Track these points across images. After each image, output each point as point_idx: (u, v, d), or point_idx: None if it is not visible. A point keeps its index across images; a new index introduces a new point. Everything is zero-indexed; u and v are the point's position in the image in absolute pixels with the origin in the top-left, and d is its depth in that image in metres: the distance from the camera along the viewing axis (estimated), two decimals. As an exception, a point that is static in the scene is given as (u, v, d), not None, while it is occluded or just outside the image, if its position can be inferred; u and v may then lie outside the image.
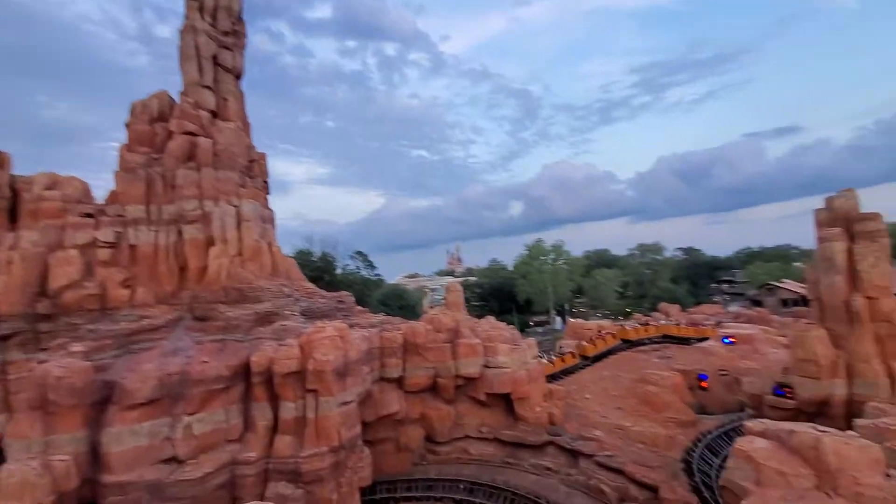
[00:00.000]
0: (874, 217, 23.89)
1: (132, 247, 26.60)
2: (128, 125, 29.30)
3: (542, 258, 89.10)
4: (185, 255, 27.20)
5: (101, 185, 28.37)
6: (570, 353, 40.20)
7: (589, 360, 39.69)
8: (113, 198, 27.47)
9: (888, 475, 13.86)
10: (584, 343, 41.16)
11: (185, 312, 25.99)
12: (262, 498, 21.60)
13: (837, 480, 13.78)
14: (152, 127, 29.19)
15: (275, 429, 22.97)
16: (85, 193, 26.82)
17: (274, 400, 23.23)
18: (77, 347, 21.37)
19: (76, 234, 25.47)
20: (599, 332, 44.74)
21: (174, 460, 21.08)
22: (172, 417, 21.56)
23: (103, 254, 25.65)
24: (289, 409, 22.75)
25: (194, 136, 28.81)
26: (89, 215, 26.00)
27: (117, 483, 19.11)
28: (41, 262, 24.50)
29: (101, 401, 20.48)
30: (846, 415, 22.62)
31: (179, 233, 27.45)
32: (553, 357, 40.06)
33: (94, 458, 19.69)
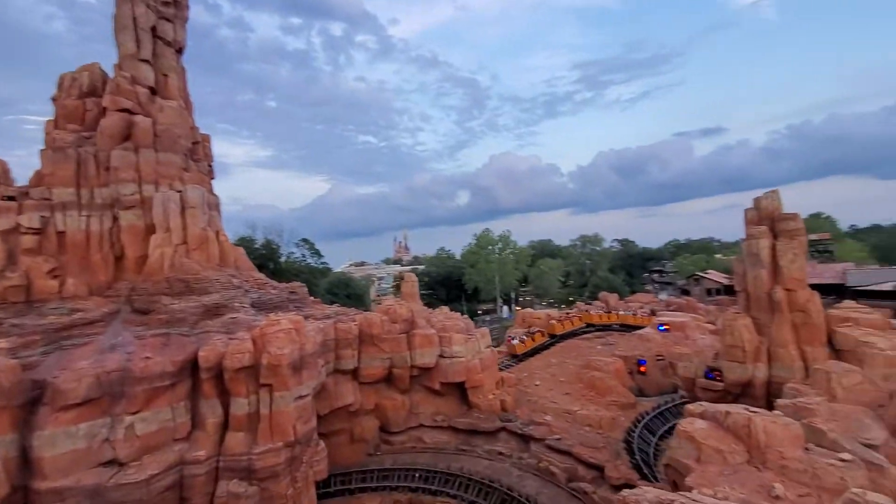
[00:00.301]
0: (794, 217, 26.40)
1: (61, 233, 24.29)
2: (55, 99, 26.49)
3: (490, 248, 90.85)
4: (122, 243, 25.27)
5: (16, 163, 25.45)
6: (540, 331, 43.75)
7: (557, 339, 43.88)
8: (38, 179, 24.83)
9: (807, 449, 15.64)
10: (554, 323, 44.75)
11: (123, 305, 24.21)
12: (212, 498, 20.88)
13: (766, 455, 15.38)
14: (83, 102, 26.56)
15: (225, 426, 22.13)
16: (3, 173, 24.11)
17: (224, 396, 22.32)
18: (1, 344, 19.37)
19: (-7, 219, 22.91)
20: (567, 314, 48.66)
21: (115, 463, 19.79)
22: (112, 418, 20.14)
23: (28, 241, 23.25)
24: (241, 405, 21.96)
25: (131, 113, 26.59)
26: (11, 198, 23.42)
27: (53, 489, 17.67)
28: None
29: (31, 401, 18.75)
30: (766, 395, 25.14)
31: (115, 219, 25.42)
32: (524, 337, 42.77)
33: (26, 463, 18.07)
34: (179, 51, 31.03)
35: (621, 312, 49.18)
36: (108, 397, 20.00)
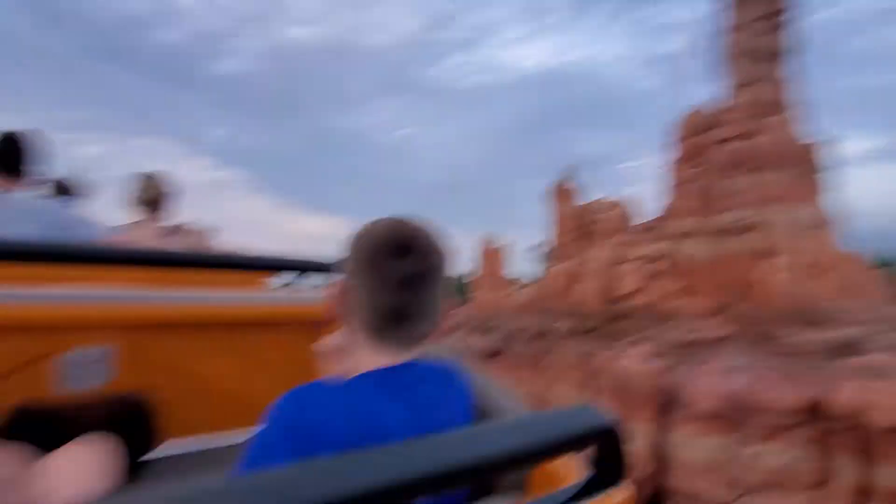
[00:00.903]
0: None
1: (682, 259, 27.76)
2: (673, 141, 31.03)
3: None
4: (735, 268, 25.79)
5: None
6: None
7: None
8: (662, 212, 29.76)
9: None
10: None
11: (737, 329, 24.50)
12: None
13: None
14: (698, 139, 29.53)
15: (864, 492, 17.78)
16: (635, 212, 30.55)
17: (867, 455, 18.01)
18: (643, 349, 23.97)
19: (632, 249, 29.25)
20: None
21: (739, 485, 19.90)
22: (737, 440, 20.48)
23: (656, 266, 28.07)
24: (889, 475, 17.01)
25: (741, 139, 27.09)
26: (643, 230, 29.20)
27: (683, 491, 19.82)
28: (609, 273, 29.57)
29: (665, 404, 21.96)
30: None
31: (729, 244, 26.43)
32: None
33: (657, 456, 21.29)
34: (787, 57, 28.83)
35: None
36: (732, 419, 20.52)
